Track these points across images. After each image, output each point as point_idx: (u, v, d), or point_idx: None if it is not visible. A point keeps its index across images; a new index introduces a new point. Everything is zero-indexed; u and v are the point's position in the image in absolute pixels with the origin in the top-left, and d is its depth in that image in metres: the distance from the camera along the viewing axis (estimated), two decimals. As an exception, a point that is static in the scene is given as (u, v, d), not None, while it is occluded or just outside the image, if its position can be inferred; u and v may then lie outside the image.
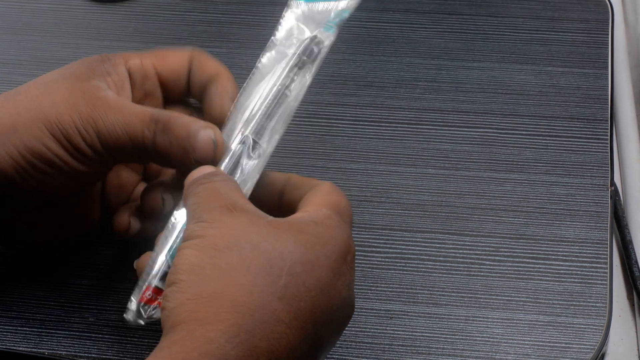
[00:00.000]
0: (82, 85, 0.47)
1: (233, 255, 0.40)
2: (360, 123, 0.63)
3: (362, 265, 0.54)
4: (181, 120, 0.47)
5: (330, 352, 0.50)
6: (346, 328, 0.45)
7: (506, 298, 0.53)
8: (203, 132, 0.46)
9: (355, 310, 0.45)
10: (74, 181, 0.48)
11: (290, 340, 0.39)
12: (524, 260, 0.55)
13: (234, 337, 0.38)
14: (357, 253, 0.55)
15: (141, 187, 0.52)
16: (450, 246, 0.56)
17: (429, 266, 0.55)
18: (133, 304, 0.44)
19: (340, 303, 0.42)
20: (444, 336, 0.51)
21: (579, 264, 0.55)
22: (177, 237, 0.45)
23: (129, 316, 0.44)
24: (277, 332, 0.39)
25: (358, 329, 0.51)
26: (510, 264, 0.55)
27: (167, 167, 0.51)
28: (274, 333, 0.39)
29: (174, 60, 0.50)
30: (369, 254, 0.55)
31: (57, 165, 0.46)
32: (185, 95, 0.51)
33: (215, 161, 0.47)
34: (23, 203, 0.49)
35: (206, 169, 0.46)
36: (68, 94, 0.46)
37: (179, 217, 0.46)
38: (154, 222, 0.48)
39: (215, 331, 0.38)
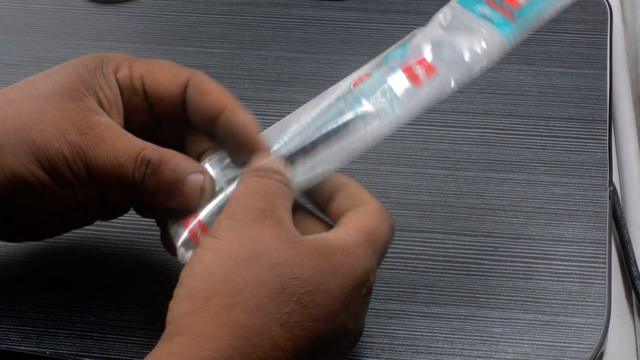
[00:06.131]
0: (73, 107, 0.45)
1: (249, 271, 0.40)
2: (360, 123, 0.63)
3: (362, 264, 0.55)
4: (172, 163, 0.45)
5: (330, 351, 0.50)
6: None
7: (505, 297, 0.53)
8: (192, 177, 0.45)
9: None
10: (57, 201, 0.47)
11: None
12: (523, 259, 0.55)
13: (228, 359, 0.39)
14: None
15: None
16: (450, 246, 0.56)
17: (429, 266, 0.55)
18: (182, 234, 0.45)
19: (343, 334, 0.43)
20: (444, 335, 0.52)
21: (577, 264, 0.55)
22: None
23: (181, 248, 0.45)
24: (272, 357, 0.39)
25: (358, 328, 0.52)
26: (509, 264, 0.55)
27: (151, 204, 0.49)
28: (269, 358, 0.39)
29: (165, 80, 0.47)
30: (368, 254, 0.55)
31: (40, 190, 0.45)
32: (177, 113, 0.49)
33: (199, 206, 0.46)
34: (11, 214, 0.48)
35: (273, 164, 0.45)
36: (59, 117, 0.45)
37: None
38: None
39: (210, 350, 0.39)
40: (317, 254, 0.42)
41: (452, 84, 0.46)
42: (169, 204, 0.46)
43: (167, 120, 0.49)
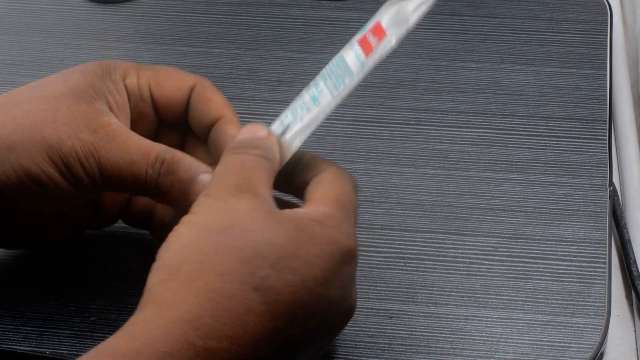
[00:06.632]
0: (84, 107, 0.46)
1: (221, 239, 0.41)
2: (360, 123, 0.63)
3: (362, 265, 0.54)
4: (185, 162, 0.46)
5: (329, 352, 0.50)
6: (345, 327, 0.45)
7: (505, 297, 0.53)
8: (203, 177, 0.46)
9: (355, 309, 0.45)
10: (64, 201, 0.48)
11: (257, 330, 0.40)
12: (523, 259, 0.55)
13: (197, 319, 0.39)
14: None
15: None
16: (450, 246, 0.56)
17: (429, 266, 0.55)
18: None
19: (327, 305, 0.42)
20: (443, 335, 0.52)
21: (577, 264, 0.55)
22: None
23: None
24: (244, 320, 0.39)
25: (357, 329, 0.52)
26: (510, 264, 0.55)
27: (162, 202, 0.50)
28: (240, 321, 0.39)
29: (172, 87, 0.48)
30: (368, 254, 0.55)
31: (51, 188, 0.46)
32: (181, 121, 0.50)
33: None
34: (9, 214, 0.48)
35: (253, 138, 0.45)
36: (70, 116, 0.45)
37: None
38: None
39: (180, 312, 0.39)
40: (292, 224, 0.42)
41: (393, 41, 0.46)
42: (182, 202, 0.46)
43: (171, 127, 0.50)
